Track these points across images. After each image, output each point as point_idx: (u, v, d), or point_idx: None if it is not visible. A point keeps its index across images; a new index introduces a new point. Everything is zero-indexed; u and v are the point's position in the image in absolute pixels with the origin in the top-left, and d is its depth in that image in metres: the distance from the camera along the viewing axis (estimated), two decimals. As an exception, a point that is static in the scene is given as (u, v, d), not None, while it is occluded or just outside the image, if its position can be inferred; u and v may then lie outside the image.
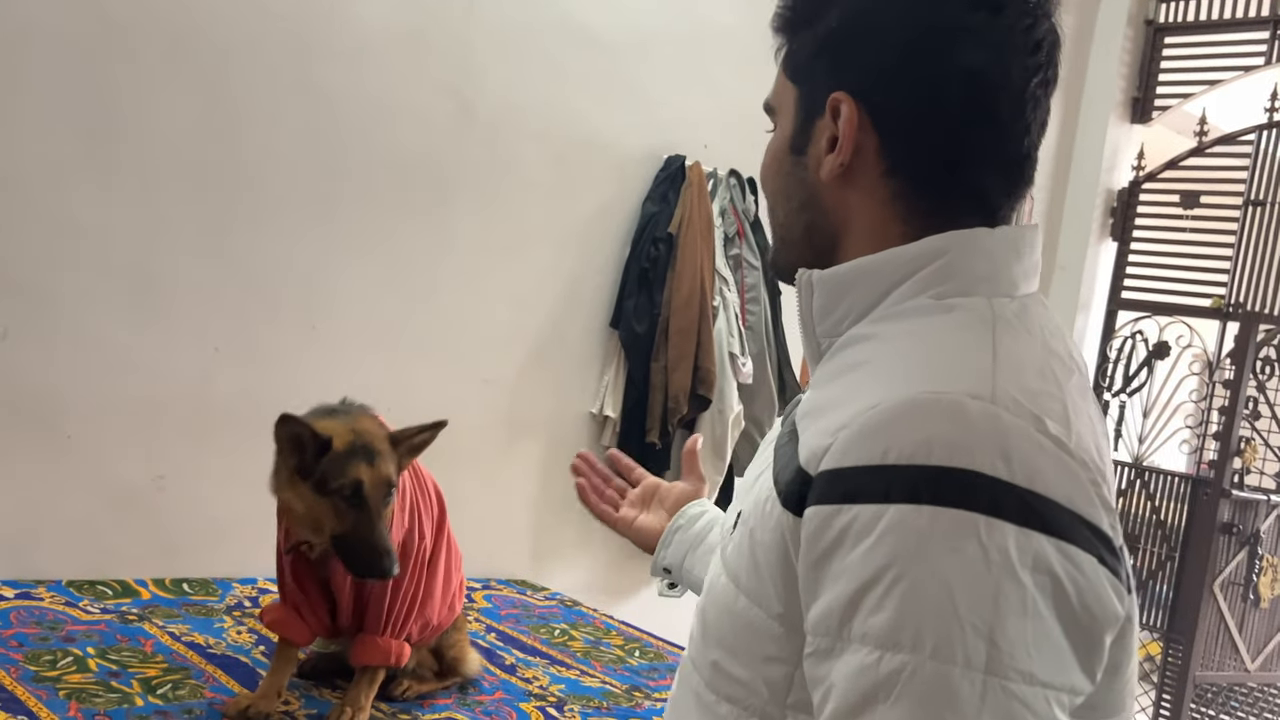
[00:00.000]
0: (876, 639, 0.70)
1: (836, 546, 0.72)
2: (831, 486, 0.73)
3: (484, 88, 3.05)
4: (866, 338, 0.82)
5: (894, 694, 0.68)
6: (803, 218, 0.90)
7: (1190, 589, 4.43)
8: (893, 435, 0.72)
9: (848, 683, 0.71)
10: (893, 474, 0.71)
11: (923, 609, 0.68)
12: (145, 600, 2.46)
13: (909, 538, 0.69)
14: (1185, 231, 4.79)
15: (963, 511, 0.68)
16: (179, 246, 2.60)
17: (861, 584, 0.71)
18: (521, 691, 2.27)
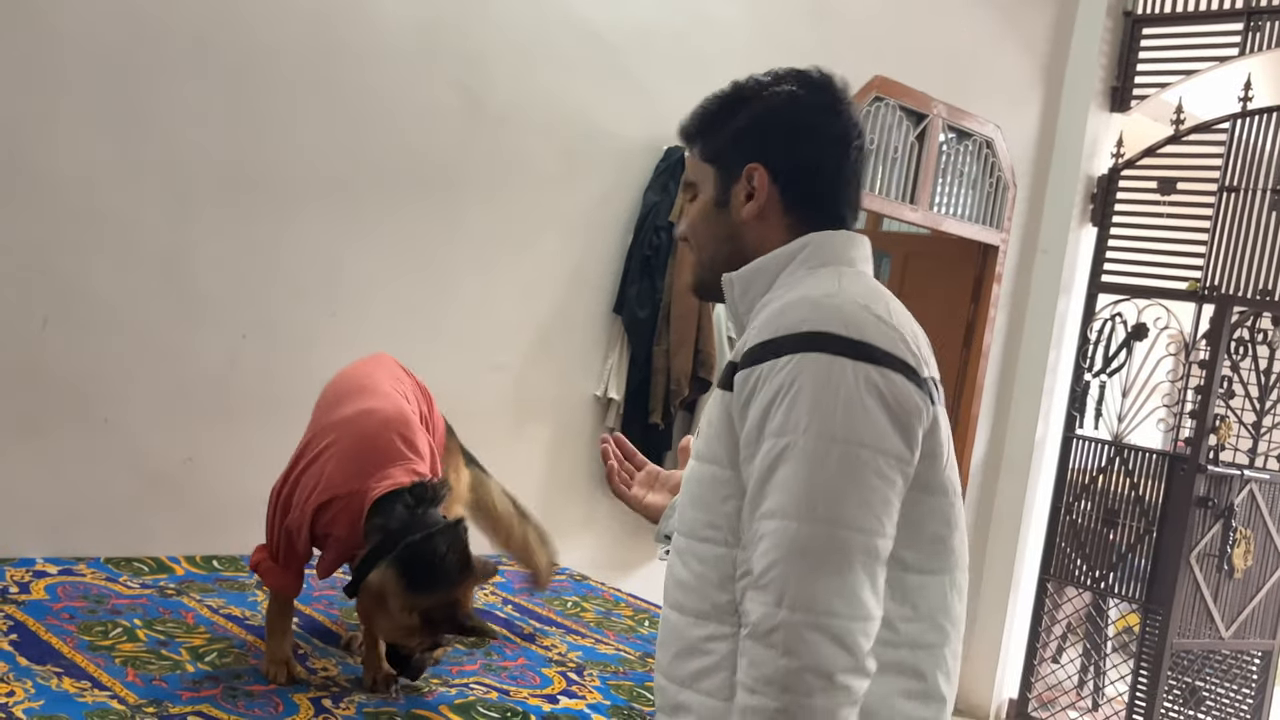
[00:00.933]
0: (774, 432, 1.16)
1: (753, 391, 1.18)
2: (747, 359, 1.20)
3: (493, 83, 3.15)
4: (769, 302, 1.27)
5: (785, 459, 1.14)
6: (727, 248, 1.35)
7: (1167, 561, 4.61)
8: (778, 321, 1.19)
9: (761, 461, 1.16)
10: (780, 342, 1.17)
11: (799, 410, 1.14)
12: (180, 576, 2.57)
13: (789, 373, 1.15)
14: (1163, 217, 4.93)
15: (820, 354, 1.15)
16: (207, 238, 2.71)
17: (765, 405, 1.16)
18: (542, 658, 2.40)
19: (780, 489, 1.13)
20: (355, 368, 2.24)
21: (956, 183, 4.69)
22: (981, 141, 4.75)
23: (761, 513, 1.14)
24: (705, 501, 1.24)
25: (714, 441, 1.23)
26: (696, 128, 1.38)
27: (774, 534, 1.12)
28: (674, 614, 1.27)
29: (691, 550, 1.25)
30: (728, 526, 1.21)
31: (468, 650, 2.39)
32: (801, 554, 1.09)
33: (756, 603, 1.12)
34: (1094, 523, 4.96)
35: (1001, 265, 4.95)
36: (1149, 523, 4.76)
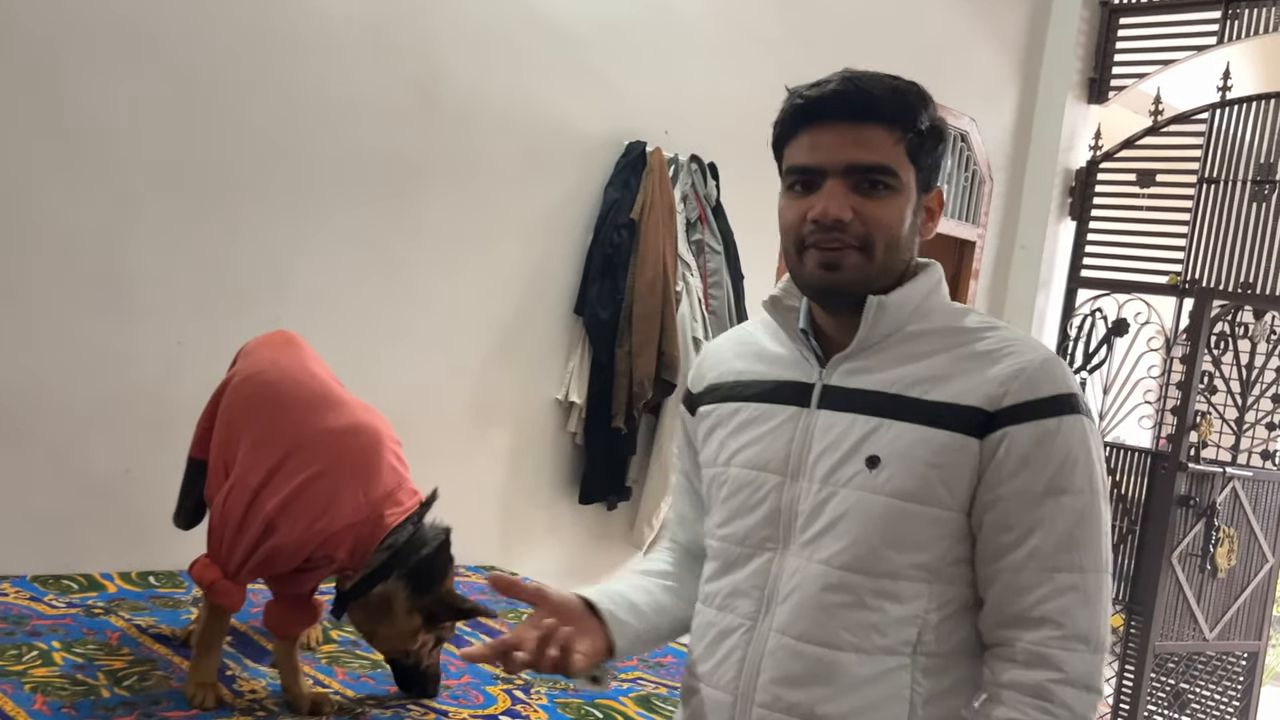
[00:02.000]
0: (1073, 489, 1.20)
1: (1038, 444, 1.20)
2: (1026, 412, 1.21)
3: (447, 79, 3.05)
4: (921, 333, 1.27)
5: (1085, 516, 1.20)
6: (905, 257, 1.29)
7: (1150, 562, 4.52)
8: (1047, 379, 1.22)
9: (1062, 516, 1.20)
10: (1058, 401, 1.21)
11: (1091, 470, 1.21)
12: (111, 594, 2.46)
13: (1076, 433, 1.21)
14: (1142, 209, 4.87)
15: (1083, 416, 1.23)
16: (144, 240, 2.60)
17: (1060, 461, 1.20)
18: (488, 675, 2.30)
19: (1085, 545, 1.20)
20: (285, 359, 2.09)
21: (931, 177, 4.58)
22: (957, 135, 4.66)
23: (1062, 565, 1.20)
24: (913, 541, 1.23)
25: (937, 485, 1.22)
26: (896, 112, 1.24)
27: (1081, 586, 1.19)
28: (833, 654, 1.24)
29: (883, 590, 1.23)
30: (934, 565, 1.23)
31: (411, 668, 2.29)
32: (1100, 602, 1.20)
33: (1075, 653, 1.19)
34: (1076, 522, 4.86)
35: (979, 261, 4.87)
36: (1131, 522, 4.67)
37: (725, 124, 3.63)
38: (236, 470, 1.94)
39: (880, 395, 1.25)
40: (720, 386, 1.39)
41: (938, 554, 1.22)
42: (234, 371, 2.11)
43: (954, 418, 1.21)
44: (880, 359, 1.27)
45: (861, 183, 1.24)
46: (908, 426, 1.22)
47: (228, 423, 2.01)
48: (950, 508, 1.22)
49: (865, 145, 1.23)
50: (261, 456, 1.94)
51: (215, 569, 1.94)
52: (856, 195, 1.23)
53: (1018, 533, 1.20)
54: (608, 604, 1.33)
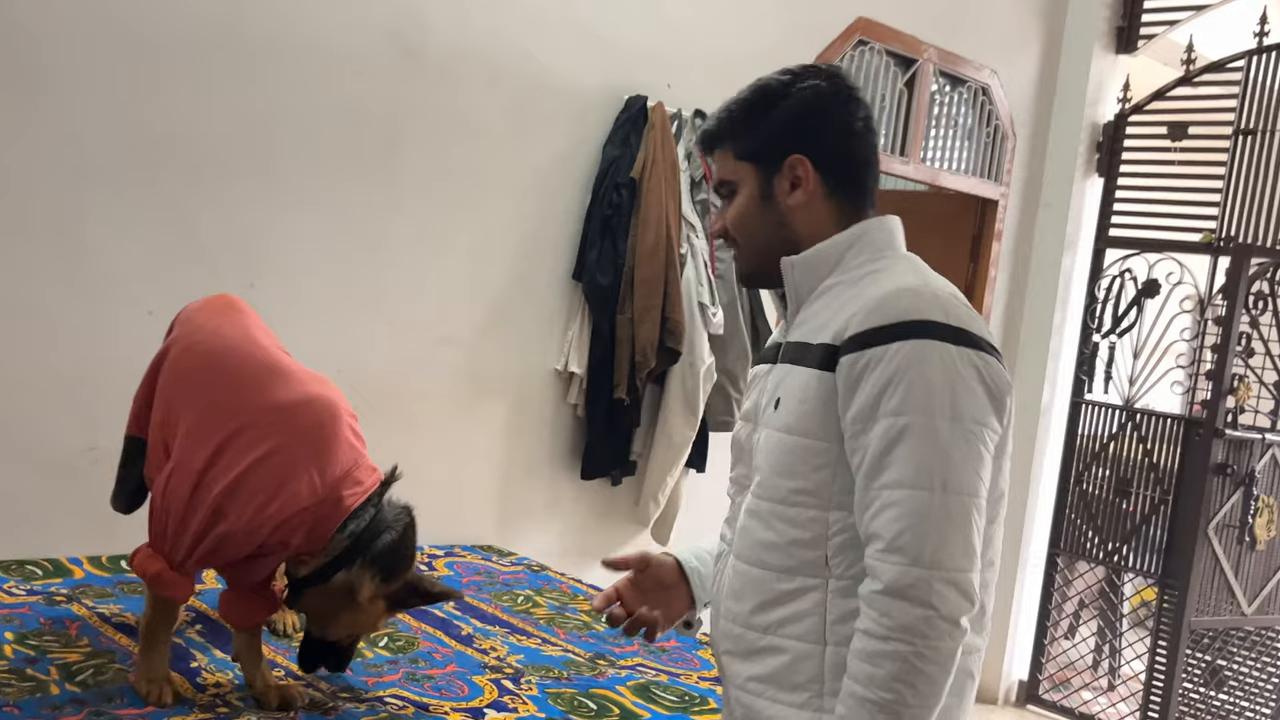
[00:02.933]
0: (893, 411, 1.28)
1: (864, 371, 1.30)
2: (855, 342, 1.32)
3: (428, 28, 2.87)
4: (834, 285, 1.43)
5: (906, 436, 1.28)
6: (779, 236, 1.47)
7: (1184, 533, 4.32)
8: (886, 309, 1.32)
9: (880, 438, 1.29)
10: (891, 329, 1.30)
11: (915, 392, 1.28)
12: (78, 580, 2.32)
13: (903, 359, 1.29)
14: (1174, 164, 4.65)
15: (928, 340, 1.29)
16: (106, 204, 2.44)
17: (881, 387, 1.29)
18: (476, 664, 2.15)
19: (903, 462, 1.27)
20: (228, 327, 1.92)
21: (951, 133, 4.42)
22: (977, 88, 4.45)
23: (884, 483, 1.29)
24: (795, 470, 1.37)
25: (807, 417, 1.36)
26: (727, 130, 1.48)
27: (901, 503, 1.27)
28: (756, 570, 1.42)
29: (777, 514, 1.39)
30: (820, 492, 1.35)
31: (391, 656, 2.14)
32: (927, 518, 1.26)
33: (889, 564, 1.27)
34: (1106, 493, 4.69)
35: (1001, 221, 4.68)
36: (1164, 491, 4.47)
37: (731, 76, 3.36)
38: (178, 451, 1.78)
39: (793, 345, 1.44)
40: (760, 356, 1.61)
41: (820, 482, 1.36)
42: (171, 340, 1.95)
43: (818, 356, 1.37)
44: (806, 313, 1.45)
45: (722, 196, 1.52)
46: (798, 370, 1.40)
47: (167, 399, 1.85)
48: (822, 439, 1.35)
49: (720, 169, 1.51)
50: (205, 435, 1.77)
51: (159, 559, 1.78)
52: (726, 205, 1.51)
53: (859, 457, 1.32)
54: (694, 562, 1.61)
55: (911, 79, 4.15)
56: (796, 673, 1.38)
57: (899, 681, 1.25)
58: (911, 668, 1.25)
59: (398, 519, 1.87)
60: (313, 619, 1.90)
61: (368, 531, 1.81)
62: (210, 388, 1.83)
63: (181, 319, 2.01)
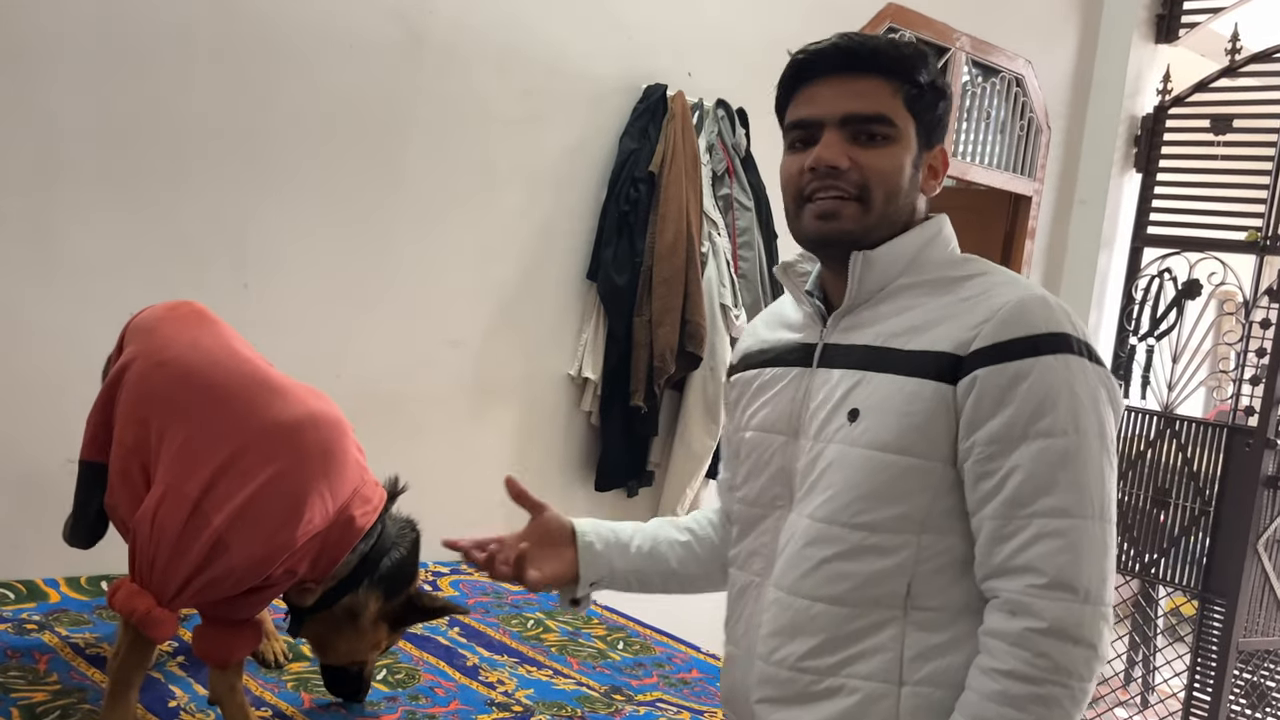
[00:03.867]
0: (1050, 431, 1.16)
1: (1010, 386, 1.17)
2: (995, 354, 1.18)
3: (434, 10, 2.70)
4: (913, 285, 1.28)
5: (1066, 458, 1.16)
6: (905, 211, 1.29)
7: (1230, 547, 4.13)
8: (1025, 320, 1.19)
9: (1034, 460, 1.16)
10: (1034, 341, 1.18)
11: (1074, 411, 1.17)
12: (54, 604, 2.15)
13: (1056, 374, 1.18)
14: (1216, 159, 4.48)
15: (1070, 355, 1.19)
16: (82, 197, 2.28)
17: (1036, 403, 1.16)
18: (481, 700, 1.97)
19: (1066, 487, 1.16)
20: (206, 338, 1.75)
21: (983, 126, 4.26)
22: (1010, 79, 4.28)
23: (1039, 510, 1.16)
24: (891, 493, 1.22)
25: (913, 432, 1.21)
26: (898, 65, 1.27)
27: (1064, 533, 1.15)
28: (821, 605, 1.25)
29: (860, 542, 1.23)
30: (916, 517, 1.21)
31: (390, 691, 1.96)
32: (1090, 550, 1.15)
33: (1053, 600, 1.14)
34: (1142, 502, 4.49)
35: (1035, 218, 4.52)
36: (1204, 502, 4.27)
37: (756, 65, 3.25)
38: (165, 475, 1.60)
39: (866, 349, 1.26)
40: (749, 355, 1.43)
41: (920, 505, 1.21)
42: (132, 354, 1.76)
43: (927, 365, 1.21)
44: (873, 313, 1.28)
45: (859, 133, 1.26)
46: (886, 378, 1.23)
47: (139, 419, 1.66)
48: (929, 457, 1.21)
49: (862, 96, 1.26)
50: (198, 458, 1.59)
51: (146, 597, 1.59)
52: (854, 146, 1.26)
53: (996, 479, 1.18)
54: (590, 536, 1.46)
55: (943, 68, 3.96)
56: (866, 716, 1.22)
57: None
58: (1064, 712, 1.14)
59: (403, 535, 1.80)
60: (316, 646, 1.82)
61: (374, 551, 1.74)
62: (198, 406, 1.65)
63: (138, 329, 1.82)
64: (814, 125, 1.27)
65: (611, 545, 1.46)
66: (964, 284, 1.25)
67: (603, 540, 1.46)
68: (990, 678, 1.16)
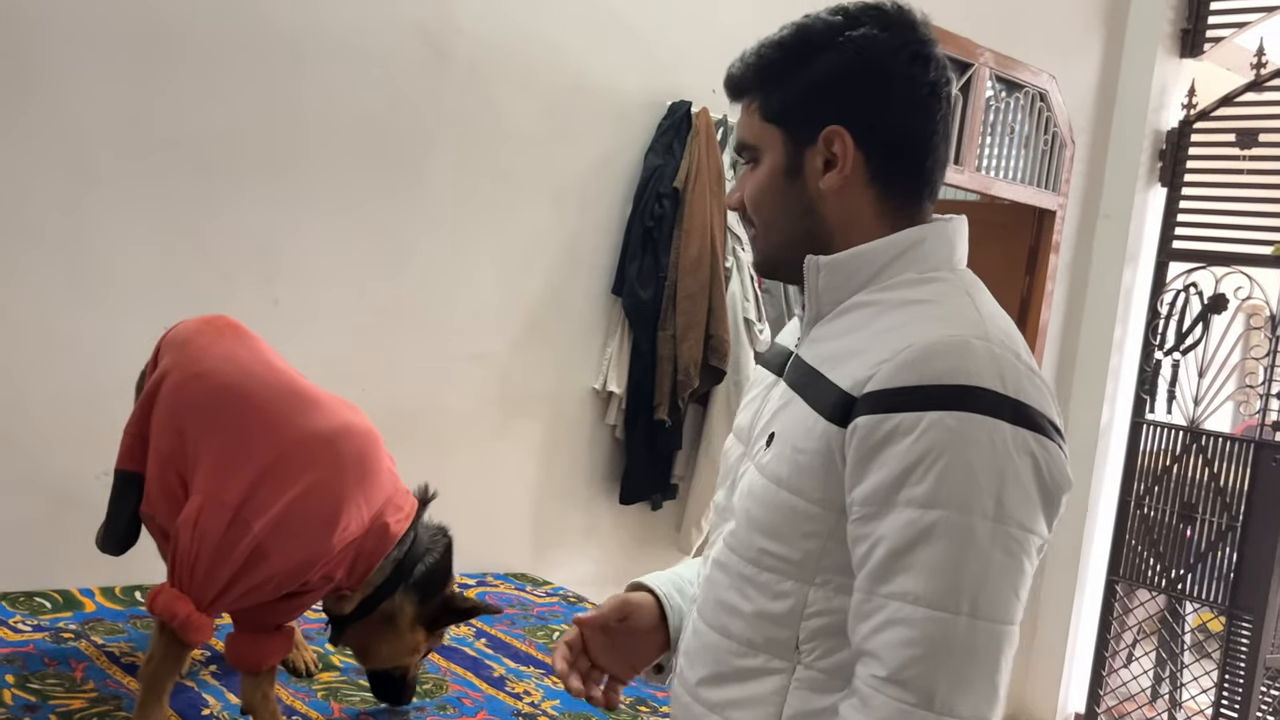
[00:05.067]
0: (920, 502, 0.99)
1: (885, 443, 1.01)
2: (879, 402, 1.02)
3: (460, 27, 2.73)
4: (868, 304, 1.12)
5: (933, 536, 0.99)
6: (804, 224, 1.16)
7: (1257, 563, 4.09)
8: (925, 365, 1.01)
9: (898, 533, 1.00)
10: (928, 392, 1.00)
11: (952, 480, 0.98)
12: (89, 613, 2.18)
13: (942, 434, 0.99)
14: (1242, 174, 4.45)
15: (976, 415, 0.99)
16: (113, 210, 2.31)
17: (906, 466, 1.00)
18: (508, 711, 1.98)
19: (927, 572, 0.99)
20: (242, 352, 1.80)
21: (1007, 141, 4.24)
22: (1034, 94, 4.26)
23: (897, 592, 1.01)
24: (779, 532, 1.11)
25: (803, 474, 1.09)
26: (753, 79, 1.19)
27: (918, 624, 0.99)
28: (715, 635, 1.18)
29: (747, 576, 1.14)
30: (805, 564, 1.10)
31: (419, 702, 1.98)
32: (949, 653, 0.98)
33: (887, 697, 1.00)
34: (1168, 518, 4.46)
35: (1059, 232, 4.49)
36: (1232, 518, 4.24)
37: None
38: (205, 484, 1.64)
39: (805, 369, 1.15)
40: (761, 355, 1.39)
41: (806, 552, 1.09)
42: (167, 366, 1.80)
43: (827, 399, 1.08)
44: (829, 329, 1.16)
45: (746, 162, 1.21)
46: (799, 405, 1.12)
47: (176, 429, 1.70)
48: (816, 503, 1.08)
49: (740, 125, 1.22)
50: (237, 467, 1.64)
51: (186, 601, 1.63)
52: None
53: (865, 547, 1.04)
54: (676, 597, 1.32)
55: (967, 84, 3.96)
56: None
57: None
58: None
59: (435, 540, 1.85)
60: (358, 653, 1.87)
61: (408, 557, 1.78)
62: (235, 416, 1.70)
63: (174, 343, 1.86)
64: None
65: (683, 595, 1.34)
66: (904, 308, 1.10)
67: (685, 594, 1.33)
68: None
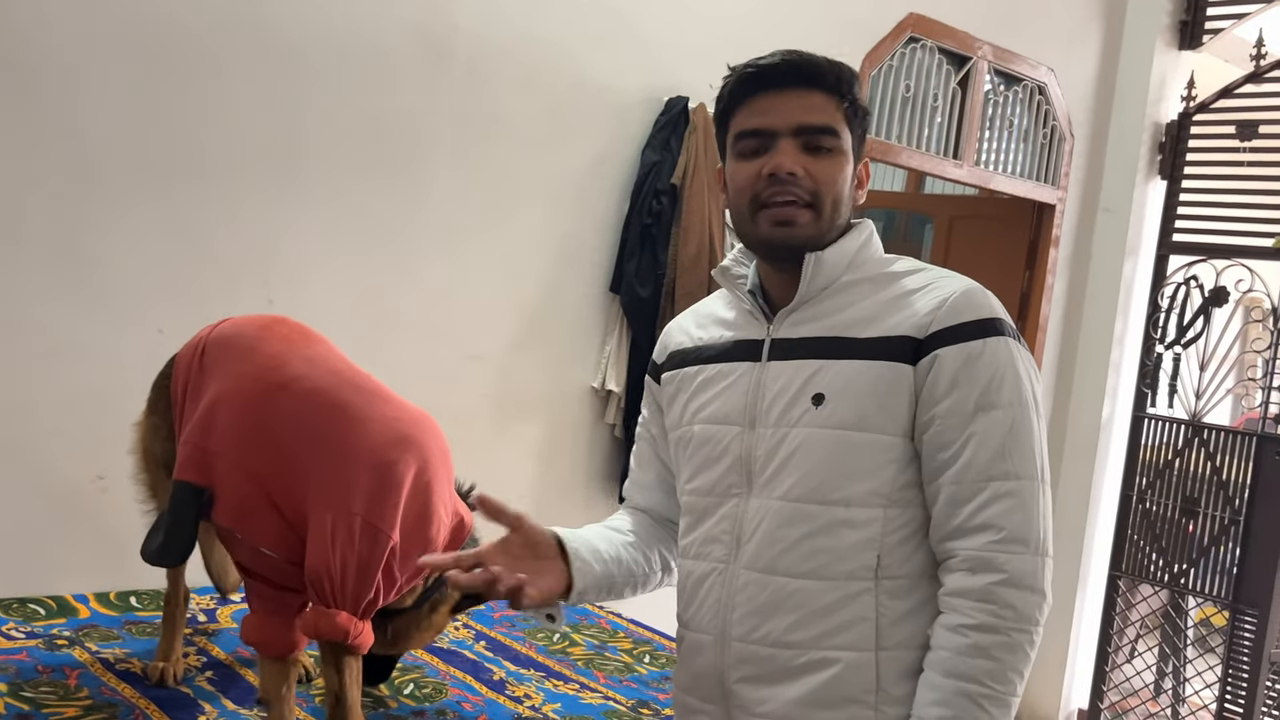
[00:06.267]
0: (1002, 403, 1.29)
1: (968, 364, 1.29)
2: (947, 336, 1.30)
3: (458, 25, 2.72)
4: (852, 284, 1.38)
5: (1014, 427, 1.29)
6: (845, 214, 1.40)
7: (1261, 557, 4.07)
8: (969, 308, 1.32)
9: (990, 431, 1.28)
10: (979, 324, 1.31)
11: (1012, 385, 1.30)
12: (84, 619, 2.16)
13: (998, 353, 1.31)
14: (1242, 165, 4.42)
15: (1011, 339, 1.33)
16: (111, 213, 2.30)
17: (988, 379, 1.29)
18: (509, 715, 1.97)
19: (1017, 454, 1.28)
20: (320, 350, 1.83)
21: (1006, 135, 4.23)
22: (1033, 87, 4.24)
23: (996, 474, 1.27)
24: (860, 469, 1.30)
25: (879, 411, 1.30)
26: (835, 83, 1.37)
27: (1017, 493, 1.27)
28: (798, 582, 1.32)
29: (841, 519, 1.30)
30: (883, 490, 1.30)
31: (417, 706, 1.96)
32: (1037, 507, 1.28)
33: (1011, 554, 1.25)
34: (1170, 512, 4.44)
35: (1059, 227, 4.48)
36: (1234, 512, 4.22)
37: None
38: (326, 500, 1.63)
39: (822, 339, 1.35)
40: (681, 353, 1.48)
41: (887, 478, 1.30)
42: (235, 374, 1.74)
43: (888, 349, 1.31)
44: (820, 309, 1.37)
45: (810, 143, 1.34)
46: (847, 363, 1.32)
47: (273, 444, 1.66)
48: (893, 433, 1.30)
49: (812, 109, 1.35)
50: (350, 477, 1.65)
51: (346, 615, 1.64)
52: (805, 155, 1.34)
53: (954, 449, 1.29)
54: (575, 543, 1.39)
55: (965, 78, 3.94)
56: (848, 684, 1.30)
57: (1015, 671, 1.25)
58: (1025, 656, 1.25)
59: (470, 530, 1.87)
60: (394, 641, 1.87)
61: None
62: (334, 425, 1.69)
63: (230, 347, 1.80)
64: (768, 135, 1.34)
65: (593, 554, 1.40)
66: (903, 279, 1.37)
67: (588, 549, 1.40)
68: (959, 634, 1.25)
